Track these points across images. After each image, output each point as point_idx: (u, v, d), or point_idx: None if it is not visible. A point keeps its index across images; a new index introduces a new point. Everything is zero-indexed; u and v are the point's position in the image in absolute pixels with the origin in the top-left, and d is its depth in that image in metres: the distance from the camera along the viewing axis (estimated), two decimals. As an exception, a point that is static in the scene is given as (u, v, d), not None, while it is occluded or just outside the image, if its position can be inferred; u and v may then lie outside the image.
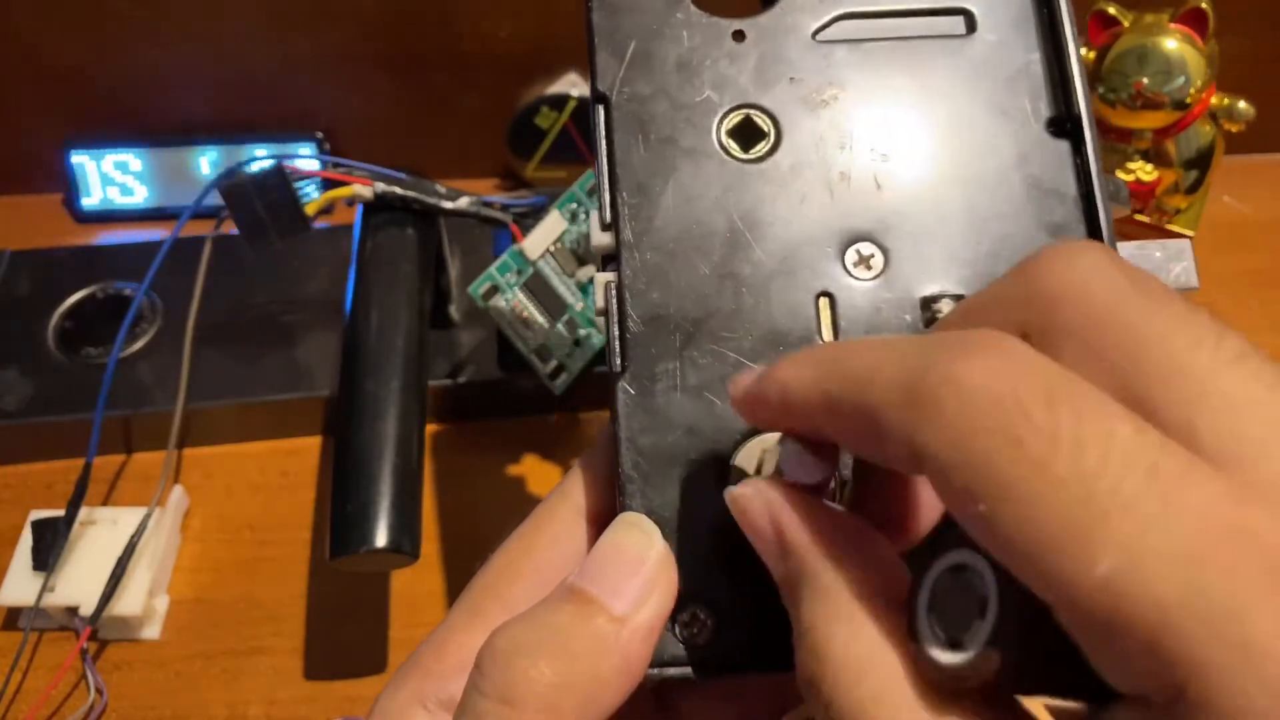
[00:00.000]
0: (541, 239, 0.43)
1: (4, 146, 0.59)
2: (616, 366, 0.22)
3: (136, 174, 0.59)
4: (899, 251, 0.22)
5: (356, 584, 0.46)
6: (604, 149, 0.23)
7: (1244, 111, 0.49)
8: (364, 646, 0.45)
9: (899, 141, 0.23)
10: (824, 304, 0.22)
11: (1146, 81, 0.47)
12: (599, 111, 0.23)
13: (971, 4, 0.24)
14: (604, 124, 0.23)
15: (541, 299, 0.43)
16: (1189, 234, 0.52)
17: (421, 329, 0.42)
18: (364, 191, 0.43)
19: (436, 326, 0.49)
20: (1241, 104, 0.49)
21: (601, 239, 0.23)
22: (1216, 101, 0.49)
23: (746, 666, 0.21)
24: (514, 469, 0.50)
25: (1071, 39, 0.23)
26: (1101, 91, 0.48)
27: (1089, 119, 0.23)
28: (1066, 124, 0.23)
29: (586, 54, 0.24)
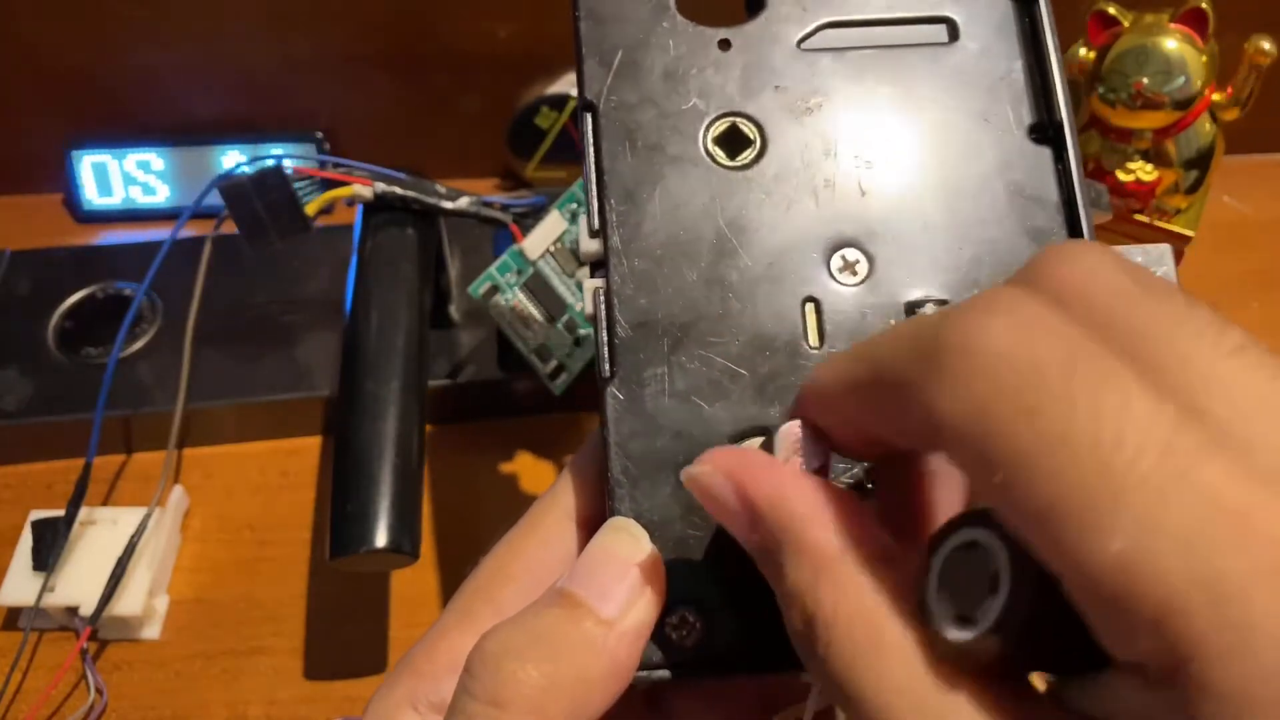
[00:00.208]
0: (541, 239, 0.43)
1: (4, 146, 0.59)
2: (605, 372, 0.22)
3: (136, 174, 0.59)
4: (884, 257, 0.23)
5: (356, 584, 0.46)
6: (592, 157, 0.23)
7: (1269, 50, 0.47)
8: (364, 646, 0.45)
9: (883, 148, 0.23)
10: (810, 309, 0.22)
11: (1146, 81, 0.47)
12: (586, 120, 0.24)
13: (954, 12, 0.24)
14: (592, 132, 0.24)
15: (541, 299, 0.43)
16: (1189, 234, 0.52)
17: (421, 329, 0.42)
18: (364, 191, 0.43)
19: (436, 326, 0.49)
20: (1265, 43, 0.46)
21: (590, 246, 0.23)
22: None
23: (735, 668, 0.21)
24: (514, 469, 0.50)
25: (1053, 46, 0.23)
26: (1101, 91, 0.48)
27: (1070, 125, 0.23)
28: (1048, 130, 0.23)
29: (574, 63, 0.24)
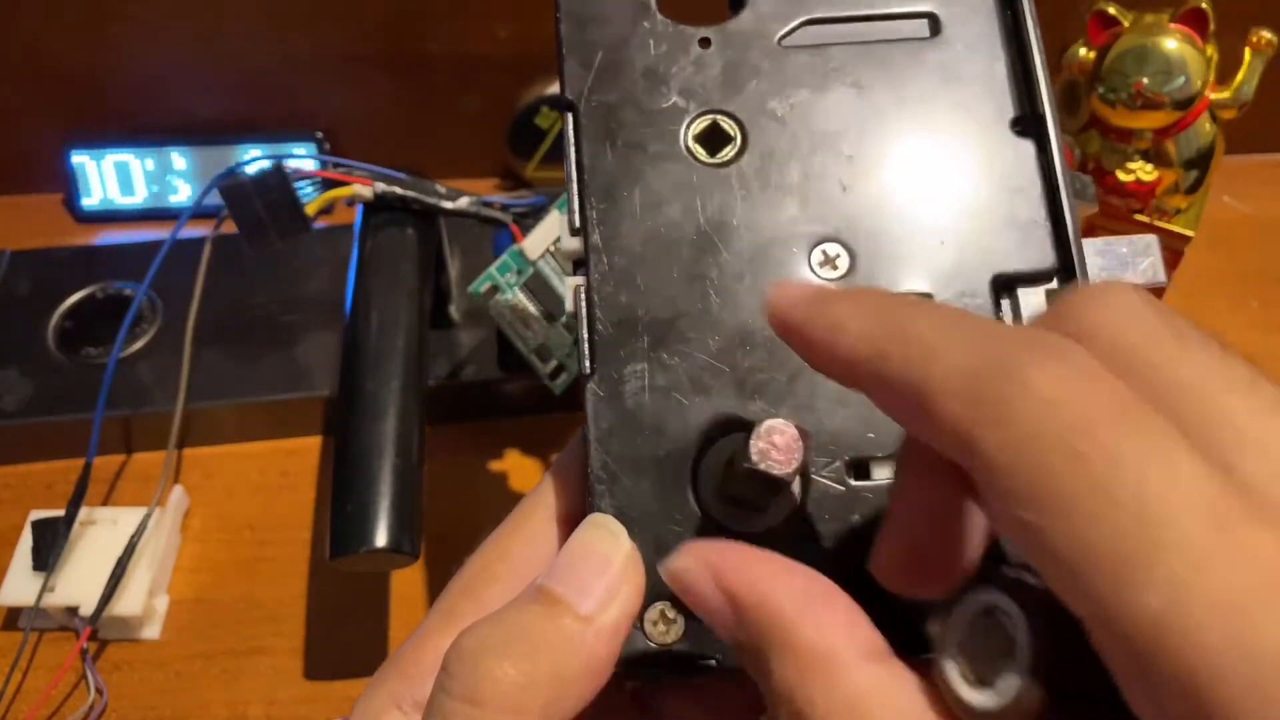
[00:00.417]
0: (541, 239, 0.43)
1: (4, 146, 0.59)
2: (586, 369, 0.22)
3: (136, 174, 0.59)
4: (865, 251, 0.23)
5: (356, 584, 0.46)
6: (572, 156, 0.24)
7: (1270, 40, 0.46)
8: (364, 646, 0.45)
9: (865, 143, 0.23)
10: None
11: (1146, 81, 0.47)
12: (568, 119, 0.24)
13: (936, 7, 0.24)
14: (573, 131, 0.24)
15: (541, 299, 0.43)
16: (1189, 234, 0.52)
17: (421, 329, 0.42)
18: (364, 191, 0.43)
19: (436, 326, 0.49)
20: (1266, 32, 0.46)
21: (571, 244, 0.23)
22: (1215, 97, 0.49)
23: (716, 665, 0.21)
24: (514, 469, 0.50)
25: (1035, 39, 0.23)
26: (1101, 91, 0.48)
27: (1053, 117, 0.23)
28: (1031, 123, 0.23)
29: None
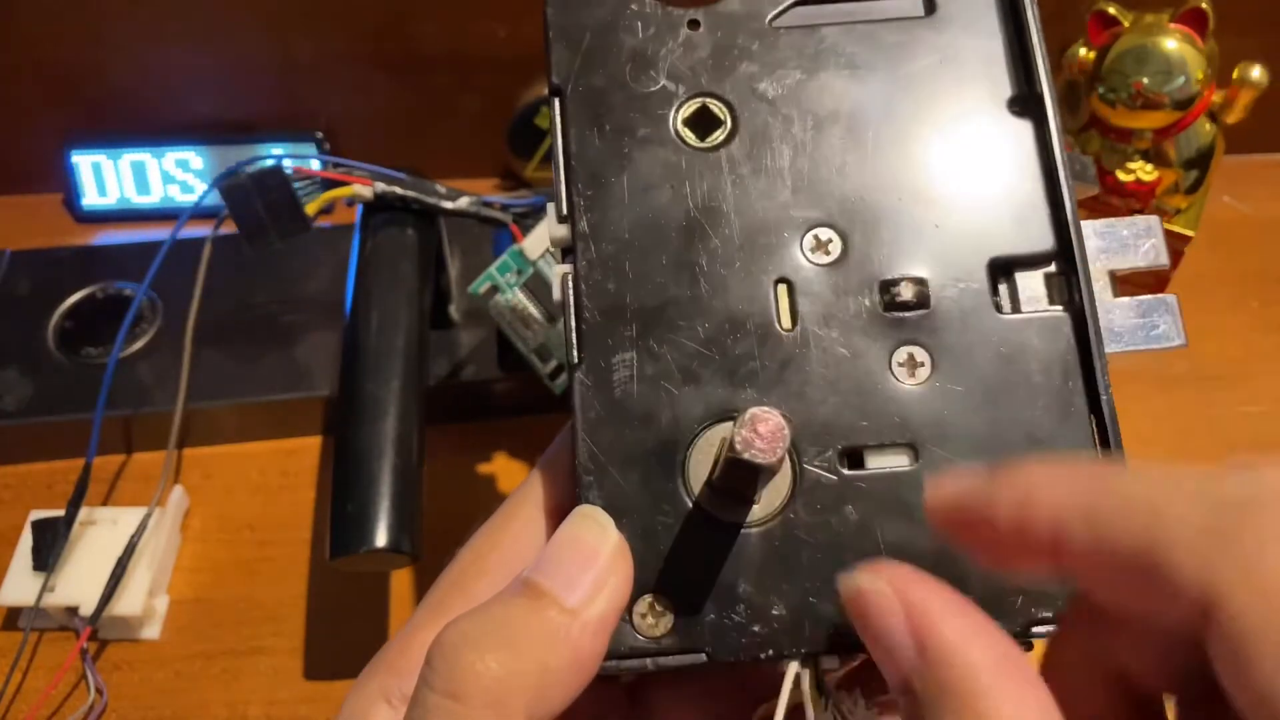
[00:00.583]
0: (541, 239, 0.43)
1: (4, 146, 0.59)
2: (574, 358, 0.22)
3: (136, 174, 0.59)
4: (858, 236, 0.22)
5: (356, 584, 0.45)
6: (559, 141, 0.23)
7: (1258, 80, 0.47)
8: (364, 646, 0.44)
9: (858, 125, 0.23)
10: (782, 290, 0.22)
11: (1146, 81, 0.47)
12: (555, 105, 0.24)
13: None
14: (560, 116, 0.23)
15: (541, 299, 0.43)
16: (1189, 234, 0.52)
17: (421, 329, 0.42)
18: (364, 191, 0.43)
19: (436, 326, 0.49)
20: (1255, 71, 0.47)
21: (558, 231, 0.23)
22: (1218, 99, 0.49)
23: (707, 659, 0.20)
24: (514, 469, 0.50)
25: (1032, 16, 0.23)
26: (1101, 91, 0.48)
27: (1051, 96, 0.22)
28: (1029, 102, 0.23)
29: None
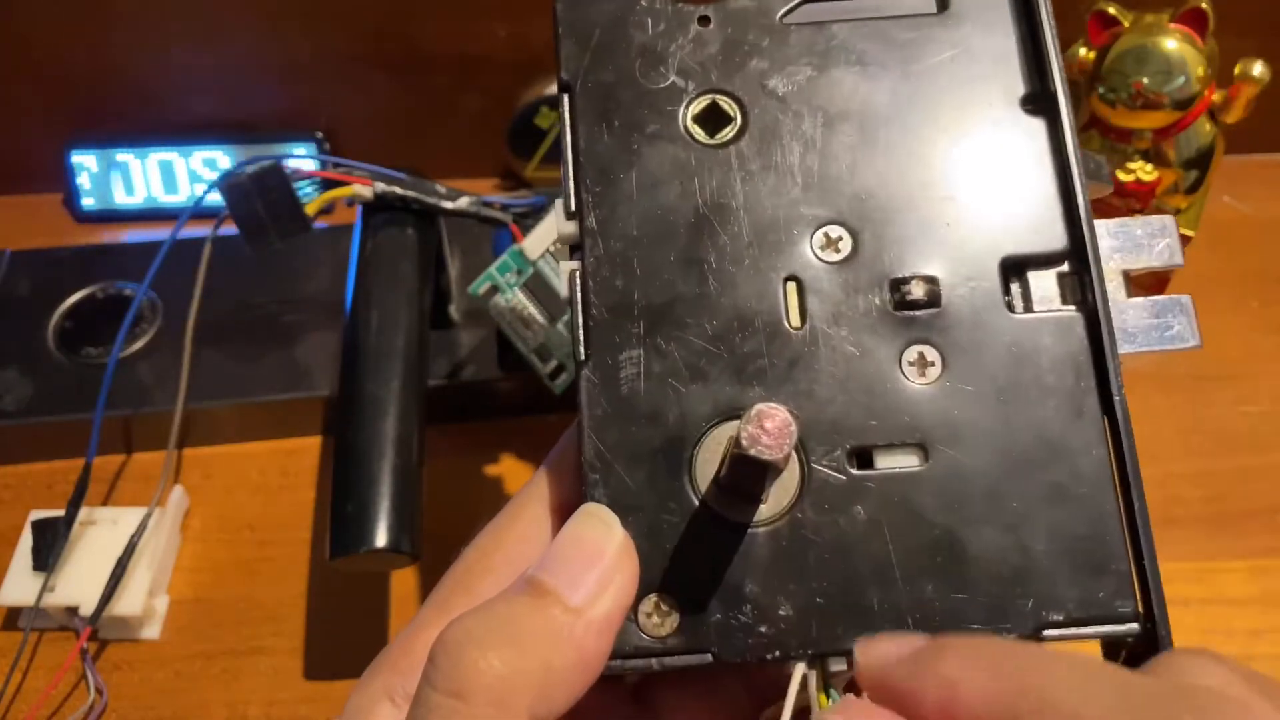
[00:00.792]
0: (541, 239, 0.43)
1: (4, 146, 0.59)
2: (581, 355, 0.22)
3: (136, 174, 0.59)
4: (868, 233, 0.22)
5: (356, 584, 0.45)
6: (568, 137, 0.23)
7: (1260, 77, 0.47)
8: (364, 646, 0.45)
9: (869, 122, 0.23)
10: (791, 288, 0.22)
11: (1146, 81, 0.47)
12: (564, 100, 0.23)
13: None
14: (569, 112, 0.23)
15: (541, 299, 0.43)
16: (1189, 234, 0.52)
17: (421, 329, 0.42)
18: (364, 191, 0.43)
19: (436, 326, 0.49)
20: (1257, 68, 0.47)
21: (566, 227, 0.23)
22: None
23: (712, 659, 0.20)
24: (514, 469, 0.50)
25: (1046, 14, 0.23)
26: (1101, 91, 0.48)
27: (1065, 94, 0.22)
28: (1042, 100, 0.23)
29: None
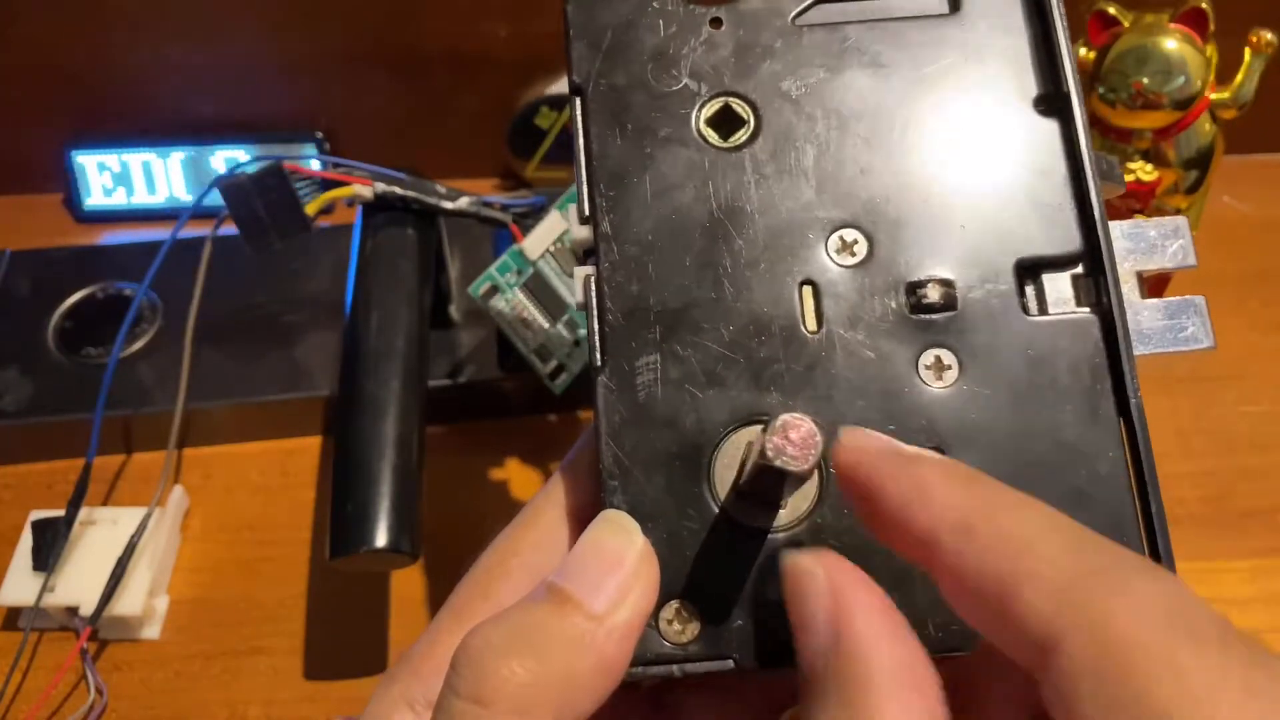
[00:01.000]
0: (541, 239, 0.43)
1: (4, 146, 0.59)
2: (597, 361, 0.22)
3: (136, 174, 0.59)
4: (883, 237, 0.22)
5: (356, 584, 0.46)
6: (581, 141, 0.23)
7: (1271, 41, 0.46)
8: (364, 646, 0.45)
9: (882, 124, 0.23)
10: (807, 292, 0.22)
11: (1146, 81, 0.47)
12: (575, 103, 0.23)
13: None
14: (581, 116, 0.23)
15: (541, 299, 0.43)
16: (1189, 234, 0.52)
17: (421, 329, 0.42)
18: (364, 191, 0.43)
19: (436, 326, 0.49)
20: (1268, 34, 0.46)
21: (580, 232, 0.23)
22: (1216, 97, 0.49)
23: (734, 665, 0.20)
24: (514, 469, 0.50)
25: (1059, 15, 0.23)
26: (1101, 91, 0.48)
27: (1078, 96, 0.22)
28: (1055, 102, 0.23)
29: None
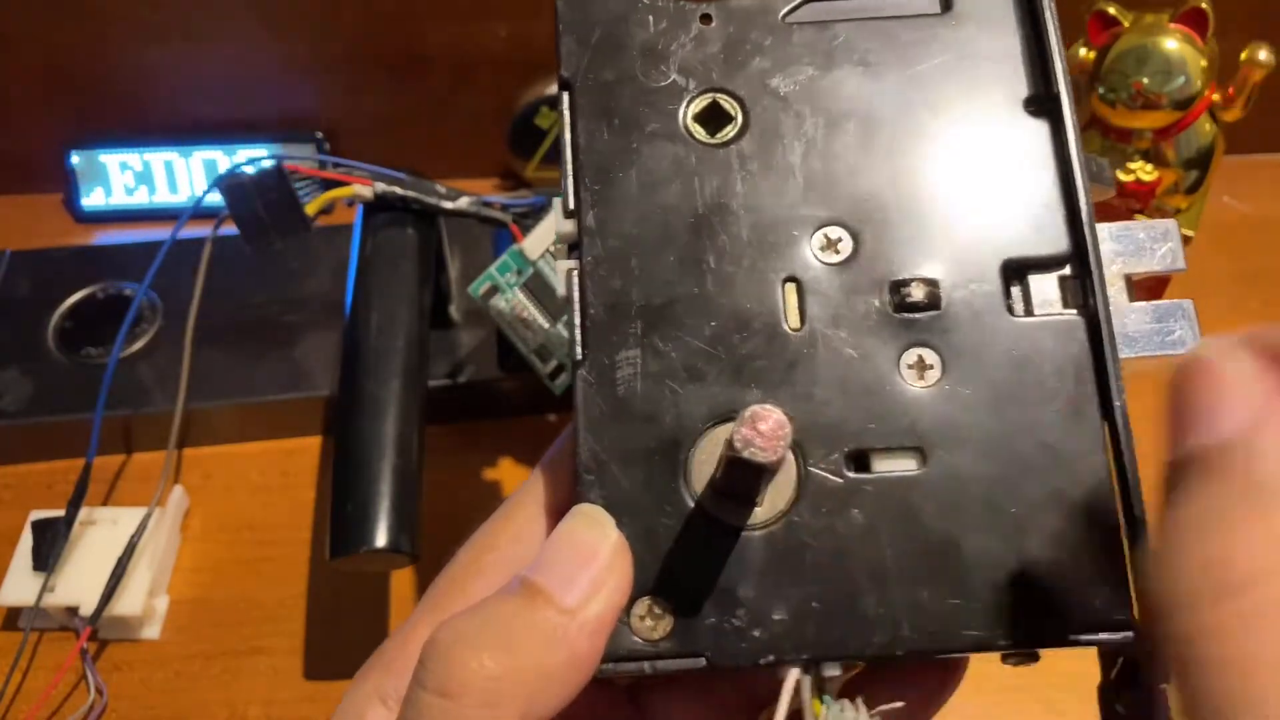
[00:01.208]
0: (541, 239, 0.43)
1: (4, 146, 0.59)
2: (578, 355, 0.21)
3: (136, 174, 0.59)
4: (869, 235, 0.22)
5: (356, 584, 0.46)
6: (568, 135, 0.23)
7: (1266, 61, 0.47)
8: (364, 646, 0.44)
9: (871, 123, 0.23)
10: (790, 289, 0.22)
11: (1146, 81, 0.47)
12: (564, 98, 0.23)
13: None
14: (568, 110, 0.23)
15: (541, 299, 0.43)
16: (1189, 234, 0.52)
17: (421, 329, 0.42)
18: (364, 191, 0.43)
19: (436, 326, 0.49)
20: (1262, 54, 0.47)
21: (565, 226, 0.23)
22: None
23: (706, 663, 0.20)
24: (514, 469, 0.50)
25: (1051, 15, 0.23)
26: (1101, 91, 0.48)
27: (1068, 96, 0.22)
28: (1046, 103, 0.22)
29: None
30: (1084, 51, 0.48)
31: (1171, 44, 0.47)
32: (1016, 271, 0.22)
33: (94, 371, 0.49)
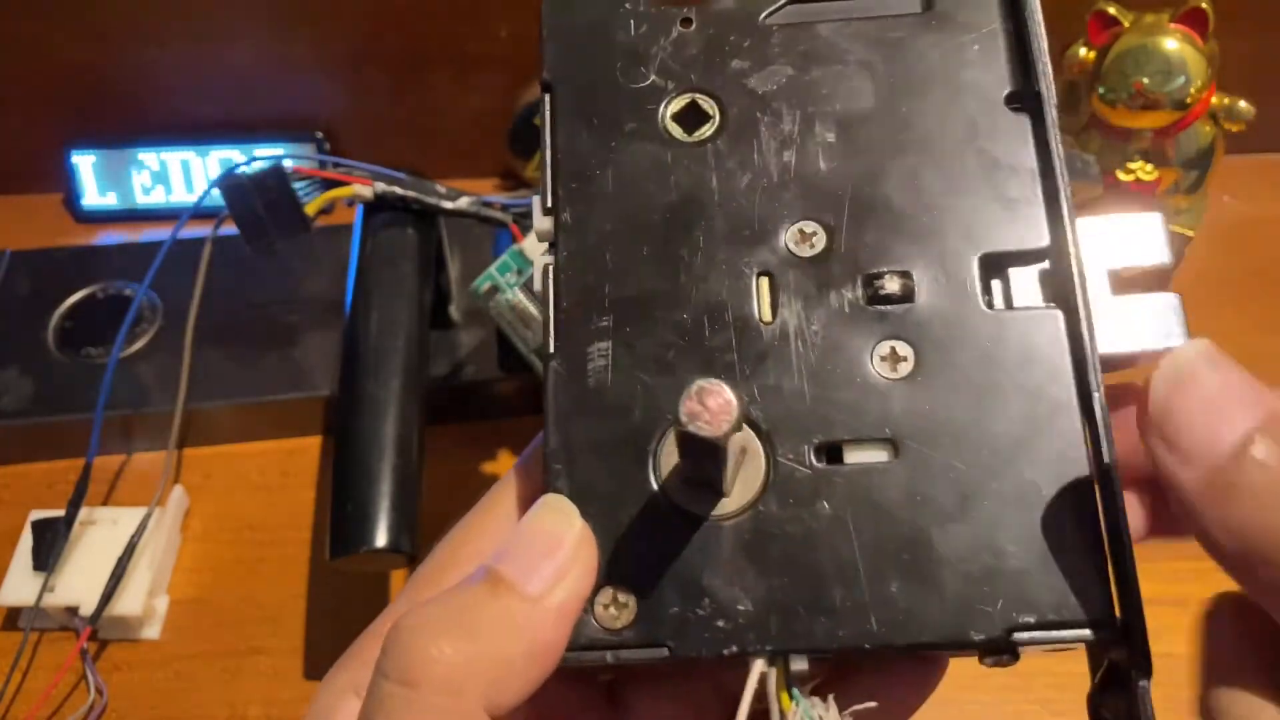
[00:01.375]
0: (541, 239, 0.43)
1: (4, 146, 0.59)
2: (550, 348, 0.22)
3: (137, 174, 0.59)
4: (844, 230, 0.22)
5: (356, 584, 0.45)
6: (548, 136, 0.23)
7: (1244, 111, 0.49)
8: (364, 646, 0.45)
9: (849, 120, 0.23)
10: (763, 282, 0.22)
11: (1146, 81, 0.47)
12: (545, 100, 0.24)
13: None
14: (549, 111, 0.23)
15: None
16: (1189, 234, 0.52)
17: (421, 329, 0.42)
18: (364, 191, 0.43)
19: (436, 326, 0.49)
20: (1242, 104, 0.49)
21: (543, 223, 0.23)
22: (1217, 101, 0.49)
23: (669, 653, 0.20)
24: (514, 469, 0.50)
25: (1034, 11, 0.23)
26: (1101, 91, 0.48)
27: (1049, 92, 0.22)
28: (1028, 99, 0.22)
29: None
30: (1084, 51, 0.48)
31: (1171, 44, 0.47)
32: (996, 265, 0.22)
33: (94, 371, 0.49)
